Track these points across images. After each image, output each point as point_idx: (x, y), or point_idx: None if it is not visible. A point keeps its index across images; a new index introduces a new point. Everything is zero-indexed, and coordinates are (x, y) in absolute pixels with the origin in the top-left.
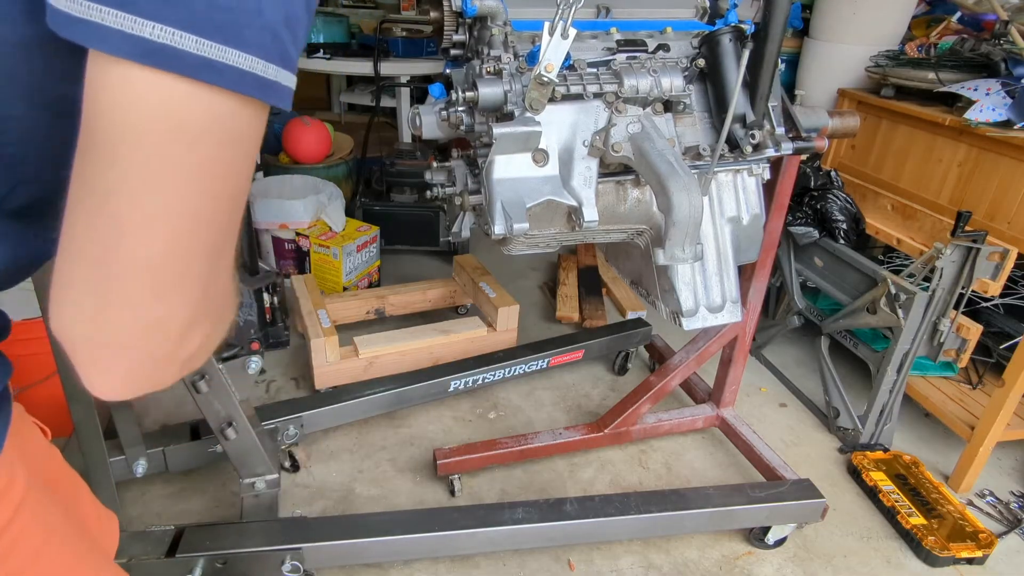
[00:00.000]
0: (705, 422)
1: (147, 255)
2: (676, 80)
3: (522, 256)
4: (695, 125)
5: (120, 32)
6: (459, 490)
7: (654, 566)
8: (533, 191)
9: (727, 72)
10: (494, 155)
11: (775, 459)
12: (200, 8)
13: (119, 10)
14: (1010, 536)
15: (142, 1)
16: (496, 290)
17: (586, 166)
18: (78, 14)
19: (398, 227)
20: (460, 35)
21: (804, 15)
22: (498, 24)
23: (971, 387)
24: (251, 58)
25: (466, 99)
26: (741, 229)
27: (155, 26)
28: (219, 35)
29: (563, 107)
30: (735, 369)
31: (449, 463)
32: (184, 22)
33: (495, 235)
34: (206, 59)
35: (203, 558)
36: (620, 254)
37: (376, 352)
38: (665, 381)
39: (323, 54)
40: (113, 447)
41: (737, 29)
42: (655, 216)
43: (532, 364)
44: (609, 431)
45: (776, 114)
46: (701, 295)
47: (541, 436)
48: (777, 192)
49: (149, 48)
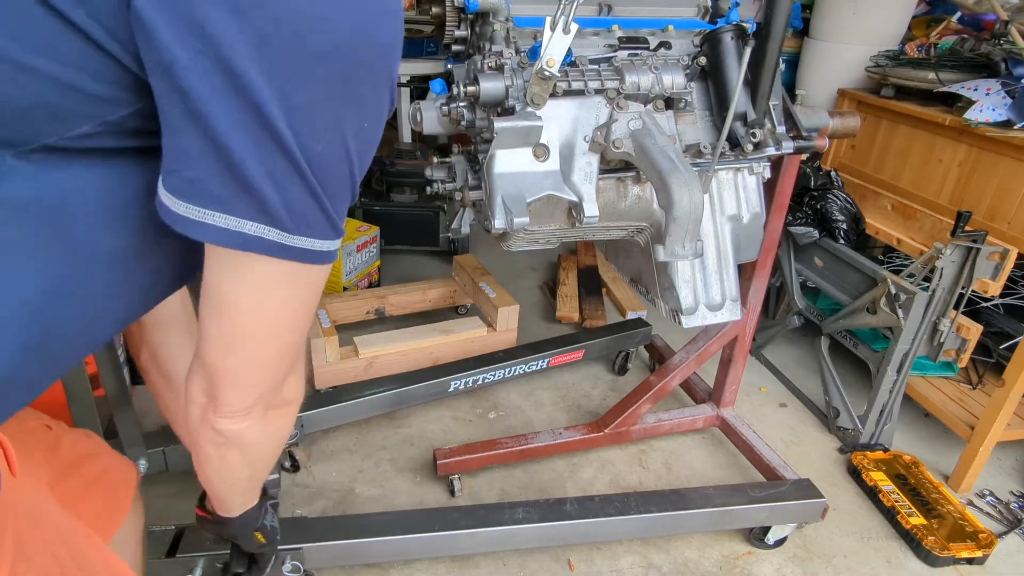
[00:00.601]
0: (705, 422)
1: (265, 354)
2: (678, 77)
3: (522, 256)
4: (696, 123)
5: (226, 230)
6: (459, 490)
7: (654, 566)
8: (534, 186)
9: (728, 70)
10: (495, 149)
11: (775, 459)
12: (279, 211)
13: (224, 213)
14: (1010, 536)
15: (240, 206)
16: (496, 290)
17: (587, 161)
18: (194, 217)
19: (398, 227)
20: (462, 31)
21: (804, 15)
22: (500, 20)
23: (971, 387)
24: (313, 240)
25: (467, 94)
26: (741, 227)
27: (249, 224)
28: (293, 228)
29: (564, 102)
30: (735, 369)
31: (449, 463)
32: (270, 221)
33: (495, 229)
34: (284, 244)
35: (203, 558)
36: (620, 252)
37: (376, 352)
38: (665, 381)
39: None
40: (113, 447)
41: (739, 27)
42: (655, 213)
43: (532, 364)
44: (609, 431)
45: (777, 113)
46: (701, 293)
47: (541, 436)
48: (778, 192)
49: (246, 239)
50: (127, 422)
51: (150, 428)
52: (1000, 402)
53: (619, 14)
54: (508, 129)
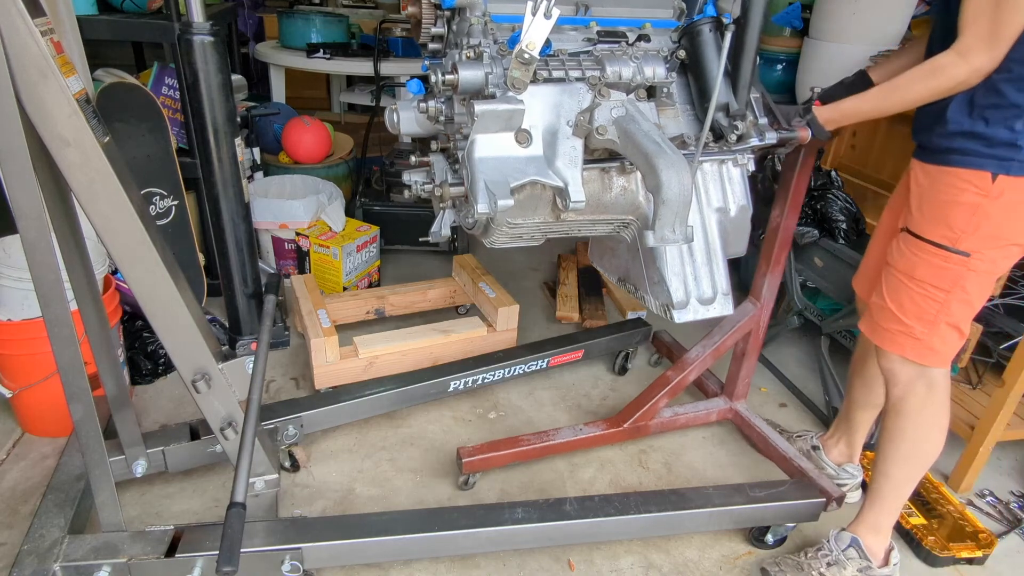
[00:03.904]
0: (719, 415)
1: None
2: (658, 68)
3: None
4: (678, 117)
5: None
6: (473, 483)
7: (654, 566)
8: (517, 171)
9: (708, 62)
10: (475, 134)
11: (790, 450)
12: None
13: None
14: (1010, 536)
15: None
16: (496, 290)
17: (571, 145)
18: None
19: (398, 227)
20: (439, 28)
21: (804, 15)
22: (476, 15)
23: (971, 387)
24: None
25: (446, 82)
26: (729, 220)
27: None
28: None
29: (546, 88)
30: (748, 363)
31: (474, 461)
32: None
33: (478, 214)
34: None
35: (203, 558)
36: (605, 252)
37: (376, 352)
38: (683, 376)
39: (323, 54)
40: (113, 447)
41: (717, 20)
42: (641, 206)
43: (532, 364)
44: (628, 426)
45: (758, 106)
46: (692, 287)
47: (562, 432)
48: (792, 188)
49: None
50: (127, 422)
51: (150, 428)
52: (1000, 402)
53: (596, 14)
54: (489, 112)
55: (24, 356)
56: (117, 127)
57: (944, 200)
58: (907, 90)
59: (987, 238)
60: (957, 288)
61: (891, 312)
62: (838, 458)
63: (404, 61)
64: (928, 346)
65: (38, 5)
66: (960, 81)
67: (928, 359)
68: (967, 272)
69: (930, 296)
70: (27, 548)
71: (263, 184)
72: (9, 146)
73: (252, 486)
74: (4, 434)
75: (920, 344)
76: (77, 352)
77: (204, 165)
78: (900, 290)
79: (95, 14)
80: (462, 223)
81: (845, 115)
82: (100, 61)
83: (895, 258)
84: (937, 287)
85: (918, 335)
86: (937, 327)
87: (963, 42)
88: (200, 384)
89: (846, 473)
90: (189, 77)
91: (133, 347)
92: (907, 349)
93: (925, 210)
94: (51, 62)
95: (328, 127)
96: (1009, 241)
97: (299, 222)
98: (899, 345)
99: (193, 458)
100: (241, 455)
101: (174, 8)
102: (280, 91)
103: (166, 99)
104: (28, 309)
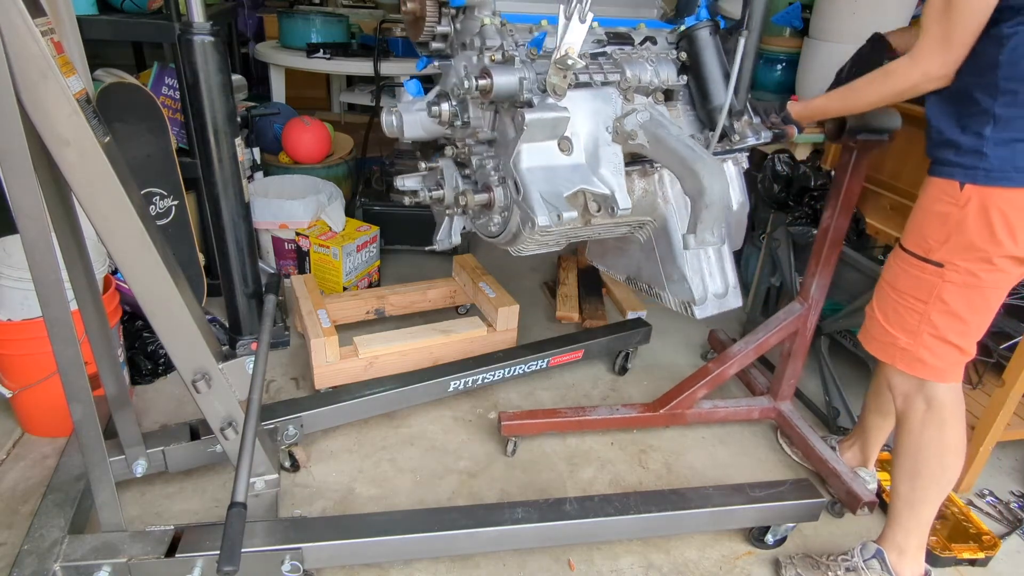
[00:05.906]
0: (761, 413)
1: None
2: (671, 71)
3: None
4: (680, 117)
5: None
6: (514, 450)
7: (654, 566)
8: (565, 180)
9: (709, 64)
10: (522, 144)
11: (827, 452)
12: None
13: None
14: (1011, 537)
15: None
16: (496, 290)
17: (613, 152)
18: None
19: (398, 227)
20: (444, 27)
21: (804, 15)
22: (486, 13)
23: (971, 387)
24: None
25: (480, 87)
26: (732, 217)
27: None
28: None
29: (582, 93)
30: (794, 363)
31: (512, 425)
32: None
33: (540, 226)
34: None
35: (203, 558)
36: (608, 251)
37: (376, 352)
38: (723, 368)
39: (323, 54)
40: (113, 447)
41: (714, 24)
42: (659, 207)
43: (532, 364)
44: (665, 411)
45: (749, 106)
46: (709, 282)
47: (599, 410)
48: (844, 189)
49: None
50: (127, 422)
51: (150, 428)
52: (1000, 402)
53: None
54: (538, 121)
55: (24, 356)
56: (117, 127)
57: (923, 210)
58: (864, 91)
59: (958, 249)
60: (934, 299)
61: (878, 322)
62: (851, 461)
63: (404, 61)
64: (916, 357)
65: (38, 5)
66: (912, 84)
67: (919, 371)
68: (943, 283)
69: (911, 307)
70: (27, 548)
71: (263, 184)
72: (9, 146)
73: (252, 486)
74: (4, 434)
75: (908, 355)
76: (77, 352)
77: (204, 165)
78: (885, 300)
79: (95, 14)
80: (481, 231)
81: (813, 112)
82: (100, 61)
83: (885, 269)
84: (916, 298)
85: (903, 345)
86: (920, 338)
87: (917, 46)
88: (200, 384)
89: (859, 477)
90: (189, 77)
91: (133, 347)
92: (896, 359)
93: (911, 221)
94: (51, 62)
95: (328, 127)
96: (982, 253)
97: (299, 222)
98: (889, 355)
99: (193, 458)
100: (241, 455)
101: (174, 8)
102: (280, 91)
103: (166, 99)
104: (28, 309)
